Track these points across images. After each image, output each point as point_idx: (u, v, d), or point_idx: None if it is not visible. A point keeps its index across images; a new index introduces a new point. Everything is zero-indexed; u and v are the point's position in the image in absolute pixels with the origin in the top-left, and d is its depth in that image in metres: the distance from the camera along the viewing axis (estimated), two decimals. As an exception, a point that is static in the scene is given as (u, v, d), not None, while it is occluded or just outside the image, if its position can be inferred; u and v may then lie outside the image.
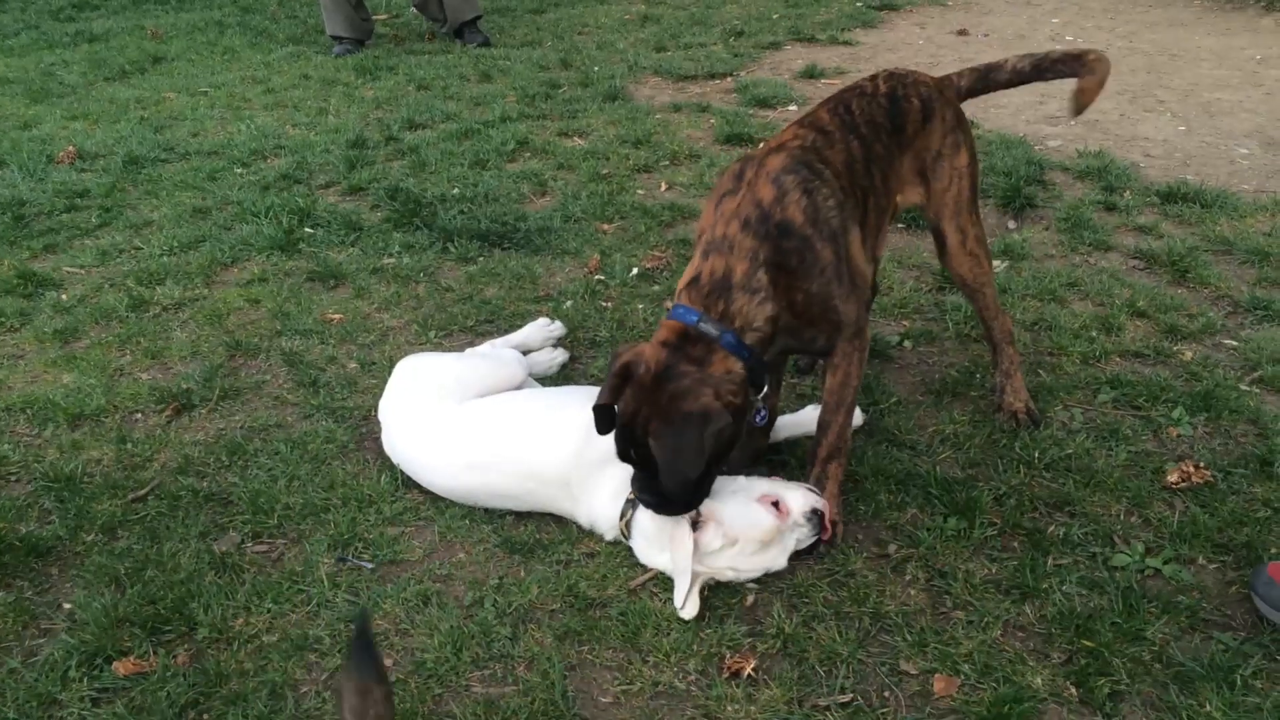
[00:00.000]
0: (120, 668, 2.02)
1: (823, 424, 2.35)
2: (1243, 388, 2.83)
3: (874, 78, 2.55)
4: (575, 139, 4.95)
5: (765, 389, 2.25)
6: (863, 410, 2.71)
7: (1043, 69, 2.64)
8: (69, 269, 3.77)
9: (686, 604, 2.09)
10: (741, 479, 2.24)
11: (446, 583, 2.24)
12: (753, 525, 2.13)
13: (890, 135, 2.46)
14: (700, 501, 2.17)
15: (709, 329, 2.10)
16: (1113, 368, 2.94)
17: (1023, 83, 2.67)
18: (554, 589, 2.20)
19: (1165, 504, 2.40)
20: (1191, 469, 2.47)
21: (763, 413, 2.35)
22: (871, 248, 2.46)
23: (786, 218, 2.15)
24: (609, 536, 2.31)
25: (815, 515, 2.17)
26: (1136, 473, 2.50)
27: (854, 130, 2.39)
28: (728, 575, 2.16)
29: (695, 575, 2.12)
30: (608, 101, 5.45)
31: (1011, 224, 3.92)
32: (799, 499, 2.19)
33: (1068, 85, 2.63)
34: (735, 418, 2.11)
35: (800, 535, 2.18)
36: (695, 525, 2.14)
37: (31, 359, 3.18)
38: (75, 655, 2.04)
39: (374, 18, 7.28)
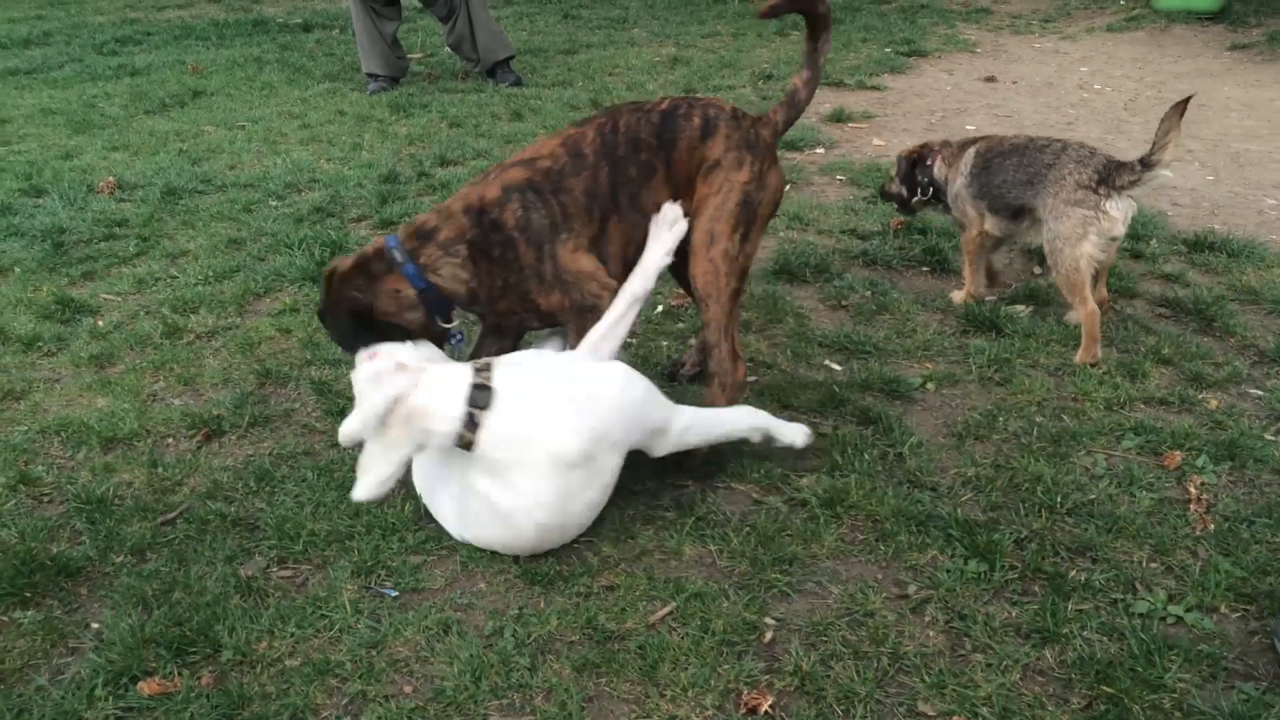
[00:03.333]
0: (145, 687, 2.04)
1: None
2: (1268, 437, 2.82)
3: (663, 98, 2.75)
4: (604, 178, 5.00)
5: (456, 322, 2.69)
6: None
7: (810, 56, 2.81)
8: (106, 296, 3.85)
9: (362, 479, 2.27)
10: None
11: (467, 612, 2.26)
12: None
13: (655, 152, 2.66)
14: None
15: (396, 255, 2.58)
16: (1137, 414, 2.94)
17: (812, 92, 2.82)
18: (573, 620, 2.21)
19: (1188, 551, 2.39)
20: (1203, 510, 2.51)
21: (458, 337, 2.72)
22: (619, 257, 2.68)
23: (501, 219, 2.56)
24: None
25: None
26: (1159, 520, 2.50)
27: (609, 154, 2.64)
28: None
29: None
30: (637, 141, 5.50)
31: (1036, 269, 3.94)
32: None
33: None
34: (388, 322, 2.60)
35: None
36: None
37: (67, 383, 3.24)
38: (102, 674, 2.07)
39: (409, 56, 7.41)
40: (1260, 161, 5.16)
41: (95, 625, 2.24)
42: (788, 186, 3.01)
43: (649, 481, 2.66)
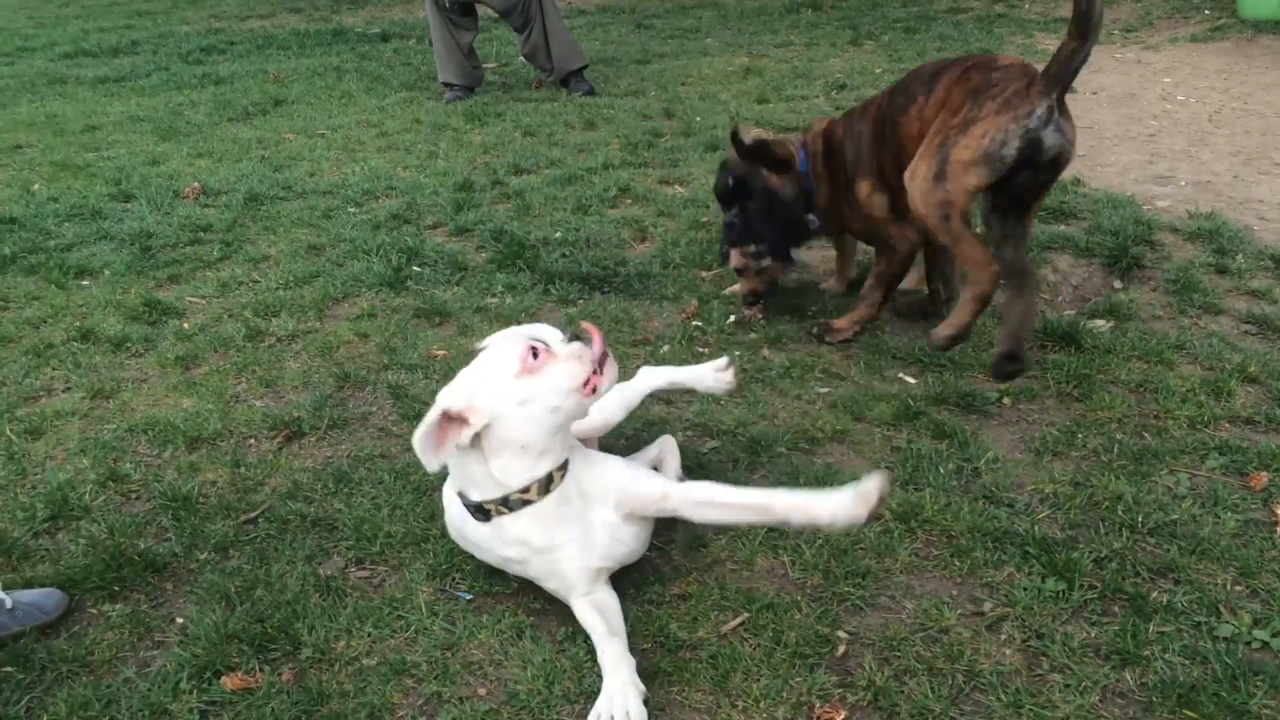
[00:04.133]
0: (228, 682, 2.10)
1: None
2: (1360, 459, 2.74)
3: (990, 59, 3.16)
4: (676, 186, 5.03)
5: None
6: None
7: None
8: (191, 299, 3.95)
9: None
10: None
11: (540, 617, 2.28)
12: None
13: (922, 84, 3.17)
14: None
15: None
16: (1222, 433, 2.87)
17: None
18: (645, 629, 2.22)
19: (1275, 575, 2.32)
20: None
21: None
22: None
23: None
24: None
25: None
26: (1244, 542, 2.43)
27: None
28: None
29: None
30: (709, 151, 5.52)
31: (1117, 284, 3.86)
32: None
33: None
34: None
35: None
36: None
37: (154, 383, 3.34)
38: (186, 668, 2.13)
39: (484, 66, 7.51)
40: (1352, 175, 5.00)
41: (180, 620, 2.30)
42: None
43: (721, 491, 2.66)
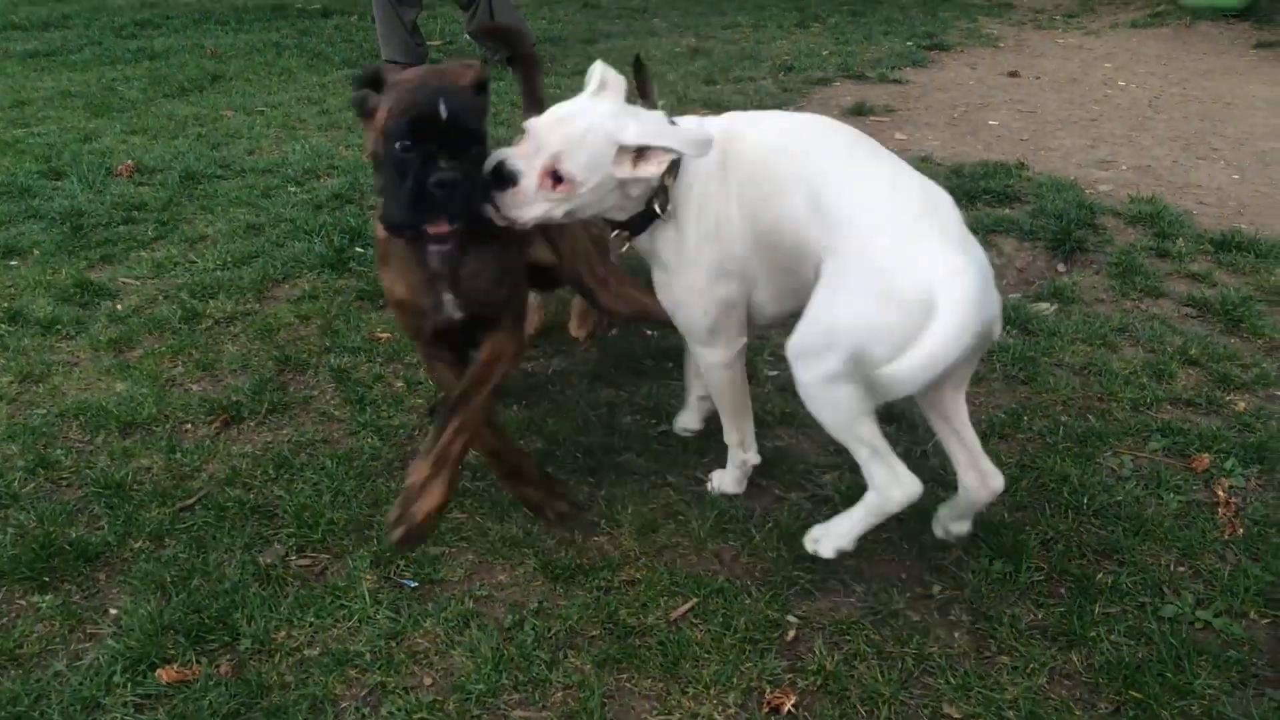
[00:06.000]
0: (164, 675, 2.03)
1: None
2: (1297, 441, 2.78)
3: None
4: (624, 168, 4.97)
5: None
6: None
7: None
8: (125, 280, 3.83)
9: None
10: None
11: (486, 604, 2.24)
12: None
13: None
14: None
15: None
16: (1164, 415, 2.91)
17: None
18: (594, 615, 2.19)
19: (1217, 556, 2.36)
20: (1231, 513, 2.48)
21: None
22: None
23: None
24: None
25: None
26: (1187, 523, 2.47)
27: None
28: None
29: None
30: (657, 132, 5.46)
31: (1061, 267, 3.90)
32: None
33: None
34: None
35: None
36: None
37: (86, 367, 3.23)
38: (120, 660, 2.06)
39: (428, 43, 7.38)
40: (1287, 161, 5.10)
41: (114, 611, 2.23)
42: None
43: (670, 476, 2.64)
